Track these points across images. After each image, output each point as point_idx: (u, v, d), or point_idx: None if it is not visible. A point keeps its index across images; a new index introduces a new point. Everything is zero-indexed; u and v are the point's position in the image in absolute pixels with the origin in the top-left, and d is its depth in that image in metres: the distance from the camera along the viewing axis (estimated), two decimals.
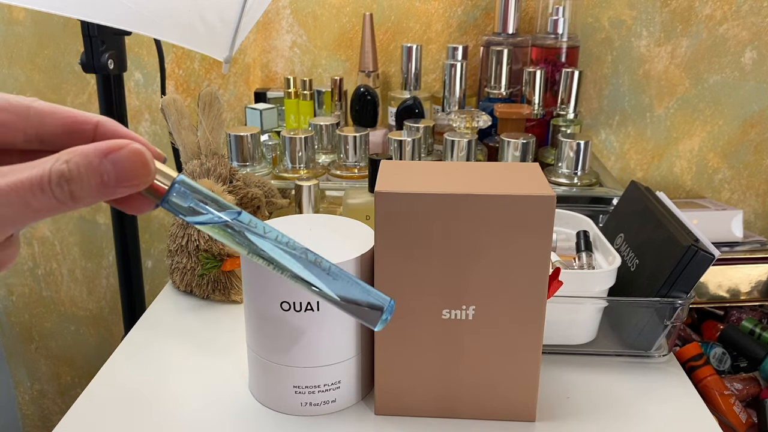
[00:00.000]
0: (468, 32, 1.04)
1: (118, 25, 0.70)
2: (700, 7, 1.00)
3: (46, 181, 0.24)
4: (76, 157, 0.25)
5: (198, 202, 0.28)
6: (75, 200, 0.25)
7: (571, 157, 0.82)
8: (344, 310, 0.30)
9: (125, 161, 0.25)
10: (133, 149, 0.26)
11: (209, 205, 0.28)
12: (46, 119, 0.27)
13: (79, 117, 0.28)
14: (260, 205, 0.72)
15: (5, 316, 1.32)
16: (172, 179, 0.27)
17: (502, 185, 0.46)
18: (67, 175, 0.24)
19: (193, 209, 0.28)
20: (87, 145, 0.25)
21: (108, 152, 0.25)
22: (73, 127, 0.28)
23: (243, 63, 1.09)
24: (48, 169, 0.24)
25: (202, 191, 0.28)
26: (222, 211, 0.28)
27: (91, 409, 0.51)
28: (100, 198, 0.25)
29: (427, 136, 0.88)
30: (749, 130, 1.05)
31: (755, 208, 1.10)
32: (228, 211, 0.28)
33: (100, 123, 0.28)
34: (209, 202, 0.28)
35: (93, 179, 0.25)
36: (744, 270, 0.91)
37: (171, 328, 0.63)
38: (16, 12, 1.11)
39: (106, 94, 0.86)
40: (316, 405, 0.50)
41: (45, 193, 0.24)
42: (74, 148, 0.25)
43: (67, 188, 0.24)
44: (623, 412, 0.52)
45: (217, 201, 0.28)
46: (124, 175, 0.25)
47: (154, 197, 0.27)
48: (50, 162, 0.25)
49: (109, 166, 0.25)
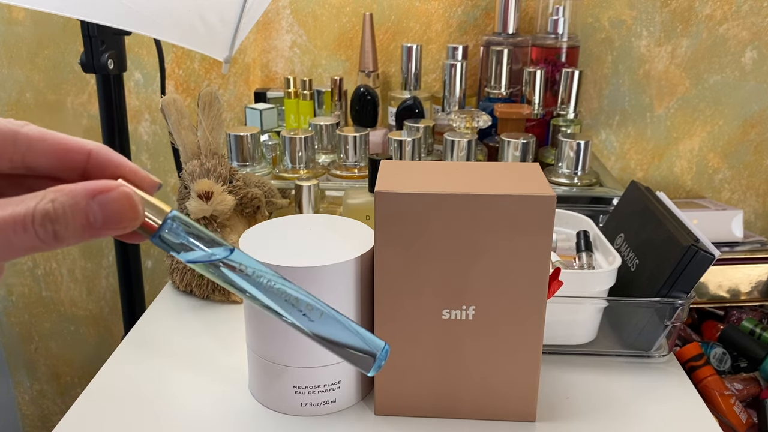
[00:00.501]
0: (468, 32, 1.04)
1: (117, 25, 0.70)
2: (700, 7, 1.00)
3: (29, 220, 0.23)
4: (62, 197, 0.24)
5: (189, 239, 0.27)
6: (58, 240, 0.24)
7: (571, 157, 0.82)
8: (336, 354, 0.29)
9: (113, 204, 0.25)
10: (122, 192, 0.25)
11: (201, 242, 0.27)
12: (35, 146, 0.26)
13: (70, 145, 0.26)
14: (260, 205, 0.72)
15: (5, 316, 1.32)
16: (164, 215, 0.27)
17: (502, 185, 0.46)
18: (52, 215, 0.24)
19: (184, 246, 0.27)
20: (75, 184, 0.24)
21: (96, 193, 0.24)
22: (64, 155, 0.26)
23: (243, 63, 1.09)
24: (32, 208, 0.23)
25: (195, 227, 0.27)
26: (214, 247, 0.27)
27: (91, 410, 0.51)
28: (85, 239, 0.25)
29: (427, 136, 0.88)
30: (749, 130, 1.05)
31: (755, 208, 1.10)
32: (221, 247, 0.28)
33: (92, 152, 0.26)
34: (202, 238, 0.27)
35: (78, 220, 0.24)
36: (744, 270, 0.91)
37: (171, 329, 0.63)
38: (16, 12, 1.11)
39: (105, 94, 0.86)
40: (316, 405, 0.50)
41: (27, 232, 0.23)
42: (61, 187, 0.24)
43: (51, 228, 0.24)
44: (623, 412, 0.52)
45: (210, 238, 0.28)
46: (111, 218, 0.25)
47: (145, 233, 0.27)
48: (35, 200, 0.24)
49: (96, 208, 0.24)
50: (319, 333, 0.29)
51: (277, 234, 0.52)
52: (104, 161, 0.27)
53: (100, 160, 0.26)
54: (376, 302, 0.47)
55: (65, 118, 1.16)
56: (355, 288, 0.48)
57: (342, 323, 0.29)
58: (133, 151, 1.13)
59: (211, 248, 0.27)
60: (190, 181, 0.67)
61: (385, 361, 0.29)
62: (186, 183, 0.68)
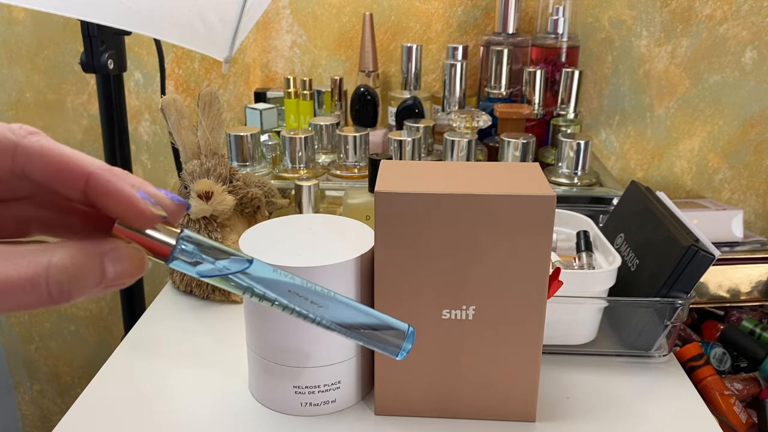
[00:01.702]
0: (468, 32, 1.04)
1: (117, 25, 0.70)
2: (700, 7, 1.00)
3: (41, 278, 0.22)
4: (78, 255, 0.23)
5: (203, 255, 0.27)
6: (69, 299, 0.23)
7: (572, 157, 0.82)
8: (363, 342, 0.29)
9: (124, 262, 0.24)
10: (131, 249, 0.25)
11: (216, 256, 0.27)
12: (34, 161, 0.25)
13: (70, 165, 0.25)
14: (260, 205, 0.72)
15: (5, 316, 1.32)
16: (175, 235, 0.26)
17: (502, 185, 0.46)
18: (71, 272, 0.23)
19: (198, 263, 0.27)
20: (85, 241, 0.24)
21: (108, 251, 0.24)
22: (62, 174, 0.25)
23: (243, 63, 1.09)
24: (46, 264, 0.22)
25: (208, 244, 0.27)
26: (230, 261, 0.27)
27: (91, 410, 0.51)
28: (92, 295, 0.24)
29: (427, 136, 0.88)
30: (749, 130, 1.05)
31: (755, 208, 1.10)
32: (236, 259, 0.28)
33: (91, 176, 0.25)
34: (216, 253, 0.27)
35: (93, 279, 0.24)
36: (744, 270, 0.91)
37: (171, 329, 0.63)
38: (16, 12, 1.11)
39: (105, 94, 0.86)
40: (316, 405, 0.50)
41: (36, 290, 0.22)
42: (70, 243, 0.24)
43: (68, 287, 0.23)
44: (623, 412, 0.52)
45: (225, 251, 0.27)
46: (121, 275, 0.24)
47: (159, 259, 0.26)
48: (47, 255, 0.23)
49: (110, 268, 0.24)
50: (343, 322, 0.29)
51: (277, 234, 0.52)
52: (103, 189, 0.25)
53: (99, 187, 0.25)
54: (376, 302, 0.47)
55: (65, 117, 1.16)
56: (355, 288, 0.48)
57: (365, 312, 0.30)
58: (133, 151, 1.13)
59: (228, 261, 0.27)
60: (190, 181, 0.67)
61: (411, 344, 0.30)
62: (186, 183, 0.68)
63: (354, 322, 0.29)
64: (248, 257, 0.28)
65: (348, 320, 0.29)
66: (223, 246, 0.28)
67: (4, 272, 0.22)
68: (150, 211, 0.25)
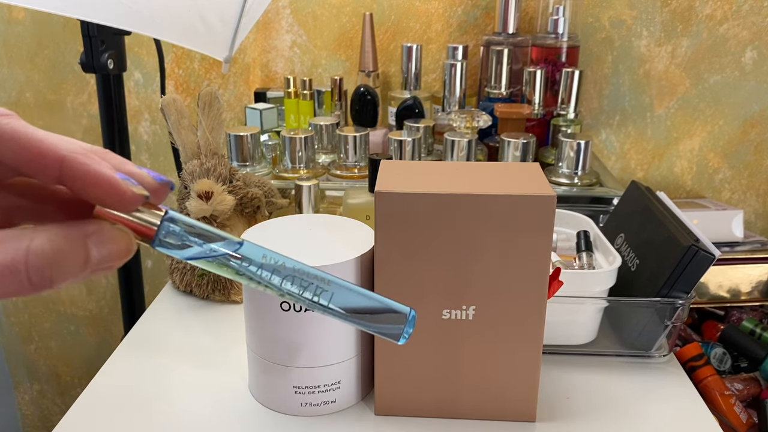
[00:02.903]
0: (468, 32, 1.04)
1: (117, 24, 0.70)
2: (701, 7, 1.00)
3: (21, 264, 0.21)
4: (58, 239, 0.22)
5: (191, 238, 0.26)
6: (52, 285, 0.22)
7: (572, 157, 0.82)
8: (362, 326, 0.28)
9: (109, 244, 0.23)
10: (116, 230, 0.23)
11: (203, 239, 0.26)
12: (4, 145, 0.23)
13: (43, 150, 0.23)
14: (260, 205, 0.72)
15: (5, 316, 1.32)
16: (159, 217, 0.25)
17: (502, 185, 0.46)
18: (51, 257, 0.21)
19: (185, 245, 0.25)
20: (67, 225, 0.23)
21: (92, 233, 0.23)
22: (35, 159, 0.23)
23: (243, 63, 1.09)
24: (24, 250, 0.21)
25: (195, 225, 0.26)
26: (219, 243, 0.26)
27: (91, 410, 0.51)
28: (76, 281, 0.23)
29: (427, 136, 0.88)
30: (750, 130, 1.05)
31: (756, 208, 1.10)
32: (225, 242, 0.26)
33: (66, 161, 0.23)
34: (204, 235, 0.26)
35: (75, 263, 0.22)
36: (744, 270, 0.91)
37: (171, 329, 0.63)
38: (16, 12, 1.11)
39: (105, 93, 0.86)
40: (316, 405, 0.50)
41: (16, 276, 0.21)
42: (51, 227, 0.22)
43: (49, 273, 0.22)
44: (623, 413, 0.52)
45: (213, 233, 0.26)
46: (107, 258, 0.23)
47: (144, 241, 0.25)
48: (26, 239, 0.21)
49: (94, 251, 0.23)
50: (342, 305, 0.28)
51: (277, 234, 0.52)
52: (79, 173, 0.23)
53: (74, 171, 0.23)
54: None
55: (65, 117, 1.15)
56: None
57: (363, 294, 0.28)
58: (132, 151, 1.13)
59: (215, 243, 0.26)
60: (190, 181, 0.67)
61: (413, 328, 0.28)
62: (186, 183, 0.68)
63: (353, 306, 0.28)
64: (238, 239, 0.27)
65: (347, 304, 0.28)
66: (210, 228, 0.26)
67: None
68: (131, 191, 0.24)
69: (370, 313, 0.28)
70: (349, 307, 0.28)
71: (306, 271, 0.27)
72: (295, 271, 0.27)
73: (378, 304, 0.28)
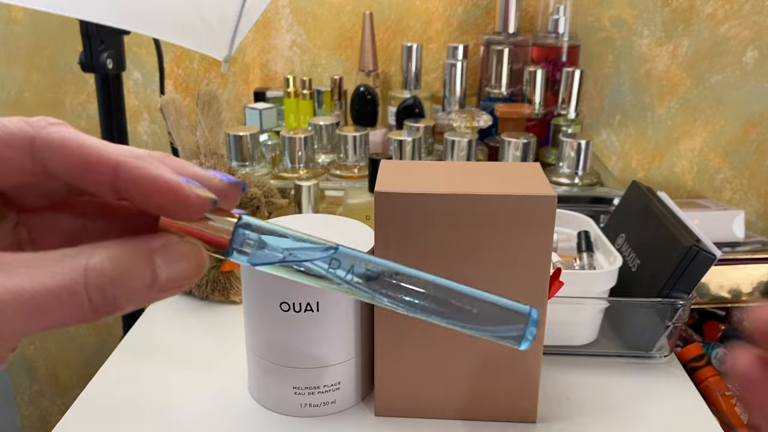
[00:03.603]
0: (468, 31, 1.04)
1: (116, 24, 0.70)
2: (702, 7, 1.00)
3: (80, 283, 0.18)
4: (120, 254, 0.19)
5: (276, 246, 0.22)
6: (116, 307, 0.19)
7: (572, 157, 0.81)
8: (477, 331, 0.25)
9: (180, 261, 0.20)
10: (186, 244, 0.20)
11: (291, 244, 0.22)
12: (54, 155, 0.21)
13: (94, 156, 0.20)
14: (260, 205, 0.72)
15: None
16: (232, 224, 0.22)
17: (502, 185, 0.45)
18: (112, 275, 0.19)
19: (266, 254, 0.22)
20: (132, 239, 0.20)
21: (159, 248, 0.20)
22: (86, 168, 0.21)
23: (242, 62, 1.09)
24: (83, 267, 0.19)
25: (277, 230, 0.22)
26: (307, 249, 0.22)
27: (90, 410, 0.51)
28: (143, 304, 0.20)
29: (427, 135, 0.88)
30: (751, 129, 1.05)
31: (757, 208, 1.09)
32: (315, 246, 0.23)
33: (120, 166, 0.20)
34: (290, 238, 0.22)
35: (141, 282, 0.19)
36: (745, 270, 0.90)
37: (170, 329, 0.63)
38: (15, 11, 1.10)
39: (104, 93, 0.85)
40: (315, 406, 0.50)
41: (74, 298, 0.18)
42: (112, 242, 0.20)
43: (111, 293, 0.19)
44: (624, 413, 0.51)
45: (298, 237, 0.23)
46: (177, 277, 0.20)
47: (216, 253, 0.22)
48: (83, 256, 0.19)
49: (163, 268, 0.20)
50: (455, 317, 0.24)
51: None
52: (135, 179, 0.20)
53: (130, 178, 0.20)
54: None
55: (64, 117, 1.15)
56: None
57: (473, 296, 0.25)
58: None
59: (302, 249, 0.23)
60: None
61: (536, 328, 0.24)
62: None
63: (466, 309, 0.24)
64: (333, 243, 0.23)
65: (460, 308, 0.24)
66: (294, 231, 0.23)
67: (37, 281, 0.18)
68: (196, 194, 0.21)
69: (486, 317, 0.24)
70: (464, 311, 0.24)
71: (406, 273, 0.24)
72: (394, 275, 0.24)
73: (492, 306, 0.25)
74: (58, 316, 0.18)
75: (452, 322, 0.24)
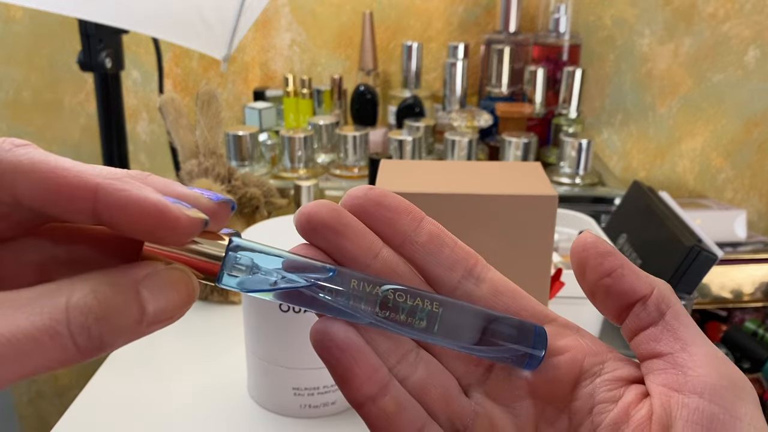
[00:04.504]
0: (469, 30, 1.04)
1: (115, 23, 0.70)
2: (703, 6, 0.99)
3: (61, 323, 0.17)
4: (103, 288, 0.18)
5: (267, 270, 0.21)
6: (103, 347, 0.18)
7: (573, 157, 0.81)
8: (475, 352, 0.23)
9: (168, 291, 0.19)
10: (174, 271, 0.19)
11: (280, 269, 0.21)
12: (23, 179, 0.18)
13: (70, 179, 0.18)
14: (259, 205, 0.71)
15: None
16: (223, 247, 0.20)
17: (503, 185, 0.45)
18: (97, 312, 0.17)
19: (259, 280, 0.21)
20: (114, 270, 0.18)
21: (144, 279, 0.18)
22: (61, 193, 0.18)
23: (242, 61, 1.08)
24: (64, 307, 0.17)
25: (271, 252, 0.21)
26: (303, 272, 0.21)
27: (89, 411, 0.51)
28: (131, 341, 0.19)
29: (427, 135, 0.88)
30: (752, 129, 1.04)
31: (758, 208, 1.09)
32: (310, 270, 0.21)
33: (100, 189, 0.18)
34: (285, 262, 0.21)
35: (128, 317, 0.18)
36: (747, 270, 0.90)
37: (169, 330, 0.62)
38: (14, 10, 1.10)
39: (103, 92, 0.85)
40: (315, 407, 0.49)
41: (57, 341, 0.17)
42: (92, 275, 0.18)
43: (97, 331, 0.17)
44: None
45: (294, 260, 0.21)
46: (165, 308, 0.19)
47: (206, 280, 0.20)
48: (63, 293, 0.17)
49: (150, 300, 0.18)
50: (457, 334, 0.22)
51: (275, 235, 0.51)
52: (119, 202, 0.18)
53: (112, 202, 0.18)
54: None
55: (63, 117, 1.15)
56: None
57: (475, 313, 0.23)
58: (130, 151, 1.12)
59: (297, 272, 0.21)
60: (188, 181, 0.66)
61: (544, 348, 0.23)
62: (184, 183, 0.67)
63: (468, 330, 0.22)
64: (330, 265, 0.22)
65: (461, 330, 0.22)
66: (290, 254, 0.21)
67: (14, 324, 0.16)
68: (186, 216, 0.19)
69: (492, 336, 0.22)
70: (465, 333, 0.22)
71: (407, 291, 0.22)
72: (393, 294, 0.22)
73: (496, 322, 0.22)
74: (40, 361, 0.17)
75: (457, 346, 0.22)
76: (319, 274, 0.21)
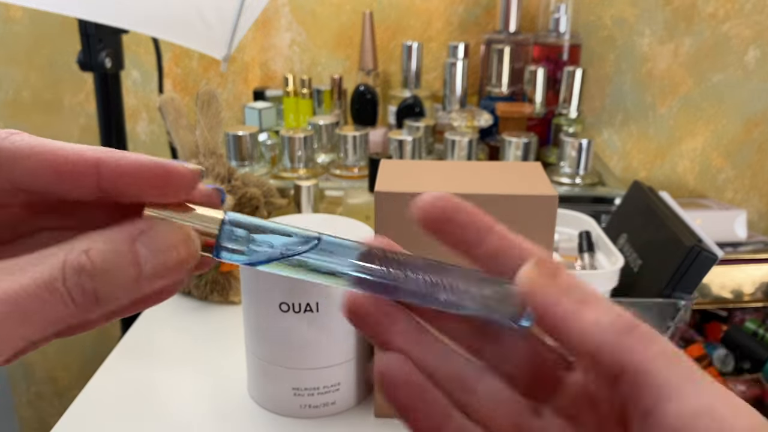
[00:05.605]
0: (469, 30, 1.04)
1: (115, 23, 0.70)
2: (703, 6, 0.99)
3: (58, 280, 0.17)
4: (98, 244, 0.18)
5: (262, 241, 0.22)
6: (100, 303, 0.18)
7: (573, 157, 0.81)
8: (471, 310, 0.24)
9: (164, 243, 0.19)
10: (173, 227, 0.19)
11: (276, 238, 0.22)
12: (23, 163, 0.19)
13: (70, 158, 0.19)
14: (259, 205, 0.71)
15: None
16: (218, 222, 0.21)
17: (503, 185, 0.45)
18: (90, 269, 0.18)
19: (254, 251, 0.22)
20: (110, 229, 0.19)
21: (140, 234, 0.19)
22: (63, 170, 0.19)
23: (242, 61, 1.08)
24: (60, 264, 0.18)
25: (263, 225, 0.22)
26: (294, 241, 0.22)
27: (88, 412, 0.51)
28: (132, 298, 0.19)
29: (427, 135, 0.88)
30: (753, 129, 1.04)
31: (759, 208, 1.09)
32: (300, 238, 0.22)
33: (102, 162, 0.19)
34: (276, 233, 0.22)
35: (125, 272, 0.18)
36: (747, 270, 0.90)
37: (168, 330, 0.62)
38: (13, 10, 1.10)
39: (103, 92, 0.85)
40: (315, 407, 0.49)
41: (56, 297, 0.17)
42: (91, 234, 0.18)
43: (91, 286, 0.18)
44: None
45: (284, 231, 0.22)
46: (163, 263, 0.19)
47: (204, 251, 0.21)
48: (60, 254, 0.18)
49: (146, 255, 0.19)
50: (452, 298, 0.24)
51: None
52: (123, 169, 0.19)
53: (116, 169, 0.19)
54: None
55: (62, 117, 1.15)
56: None
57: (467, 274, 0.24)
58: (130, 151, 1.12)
59: (289, 242, 0.22)
60: None
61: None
62: None
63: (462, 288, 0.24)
64: (315, 234, 0.23)
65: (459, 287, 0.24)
66: (280, 225, 0.23)
67: (17, 281, 0.17)
68: (186, 168, 0.20)
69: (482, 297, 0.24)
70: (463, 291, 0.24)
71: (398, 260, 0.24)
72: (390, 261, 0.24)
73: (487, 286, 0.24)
74: (44, 318, 0.18)
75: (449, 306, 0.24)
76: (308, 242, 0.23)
